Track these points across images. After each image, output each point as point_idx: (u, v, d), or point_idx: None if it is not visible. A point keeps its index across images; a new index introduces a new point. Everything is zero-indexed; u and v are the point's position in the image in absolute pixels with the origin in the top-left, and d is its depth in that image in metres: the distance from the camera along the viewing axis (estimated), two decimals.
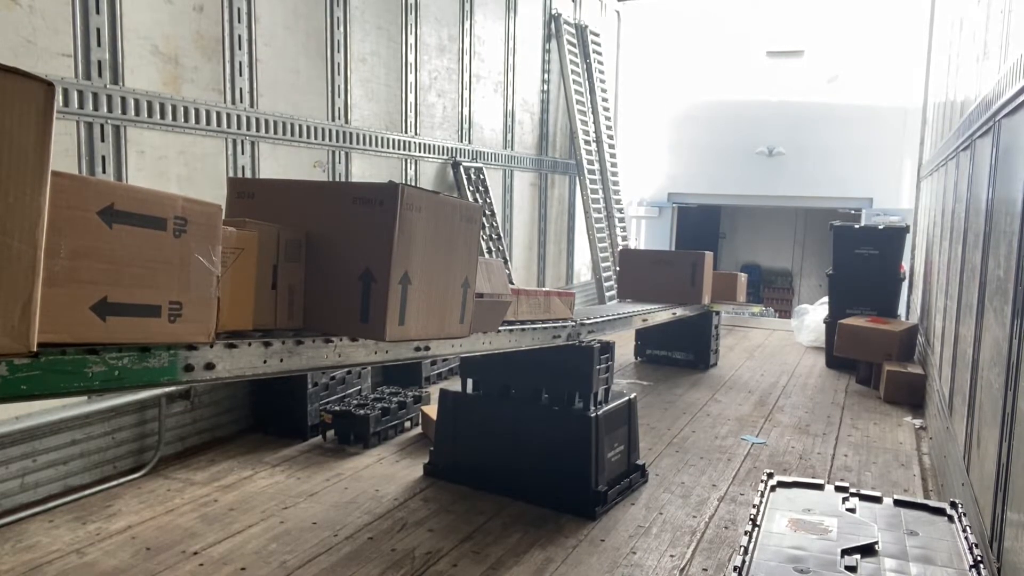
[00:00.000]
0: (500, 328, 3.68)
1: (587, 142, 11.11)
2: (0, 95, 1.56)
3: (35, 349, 1.68)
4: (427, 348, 3.16)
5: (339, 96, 6.57)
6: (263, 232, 2.50)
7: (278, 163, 5.93)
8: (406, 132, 7.52)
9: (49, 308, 1.76)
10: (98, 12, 4.50)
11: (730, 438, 6.09)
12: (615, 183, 11.89)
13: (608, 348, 4.79)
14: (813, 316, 10.19)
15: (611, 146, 11.95)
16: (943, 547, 2.60)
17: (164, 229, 2.05)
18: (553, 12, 10.59)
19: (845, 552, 2.51)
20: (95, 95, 4.49)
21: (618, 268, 8.95)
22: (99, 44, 4.52)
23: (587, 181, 10.85)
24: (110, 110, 4.59)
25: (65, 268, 1.84)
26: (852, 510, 2.90)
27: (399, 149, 7.40)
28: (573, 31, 11.01)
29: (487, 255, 8.18)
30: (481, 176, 8.69)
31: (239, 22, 5.49)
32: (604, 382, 4.74)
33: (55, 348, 1.86)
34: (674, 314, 7.38)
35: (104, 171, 4.56)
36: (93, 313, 1.91)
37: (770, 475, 3.22)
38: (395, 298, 2.63)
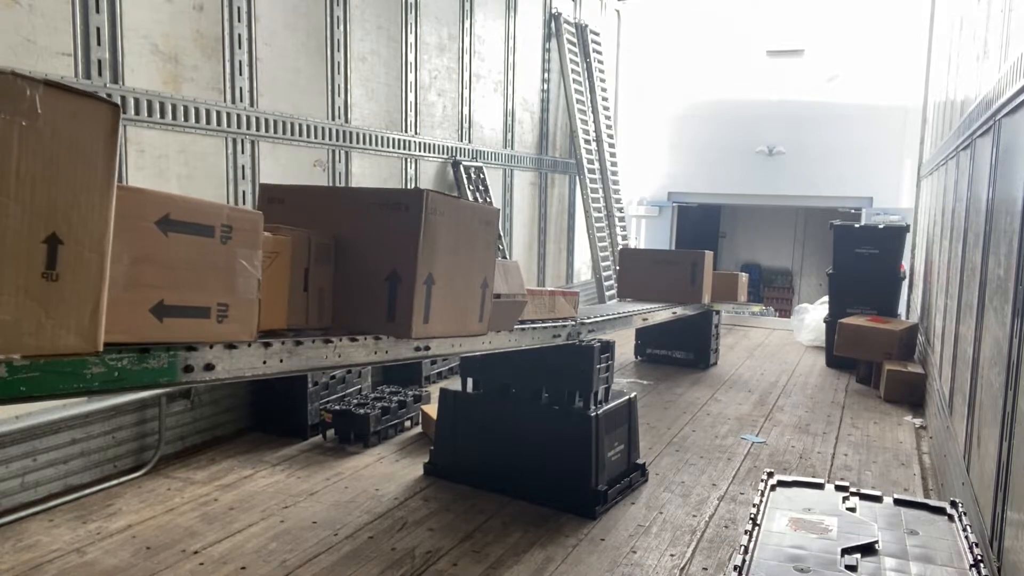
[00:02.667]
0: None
1: (587, 141, 11.10)
2: (74, 116, 1.71)
3: (101, 349, 1.83)
4: (427, 348, 3.16)
5: (339, 95, 6.56)
6: (296, 237, 2.64)
7: (278, 162, 5.93)
8: (406, 131, 7.52)
9: (113, 310, 1.87)
10: (98, 11, 4.50)
11: (730, 437, 6.09)
12: (615, 182, 11.89)
13: (608, 347, 4.79)
14: (813, 315, 10.19)
15: (611, 145, 11.94)
16: (943, 546, 2.61)
17: (212, 236, 2.19)
18: (553, 11, 10.59)
19: (845, 551, 2.51)
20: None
21: (618, 267, 8.95)
22: (99, 43, 4.52)
23: (587, 180, 10.85)
24: None
25: (127, 274, 1.98)
26: (852, 509, 2.90)
27: (399, 148, 7.40)
28: (573, 30, 11.00)
29: None
30: (481, 175, 8.69)
31: (239, 21, 5.49)
32: (604, 381, 4.74)
33: (115, 347, 1.98)
34: (674, 313, 7.38)
35: None
36: (151, 315, 2.07)
37: (770, 474, 3.22)
38: (420, 298, 2.78)
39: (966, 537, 2.64)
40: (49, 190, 1.68)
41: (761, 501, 2.94)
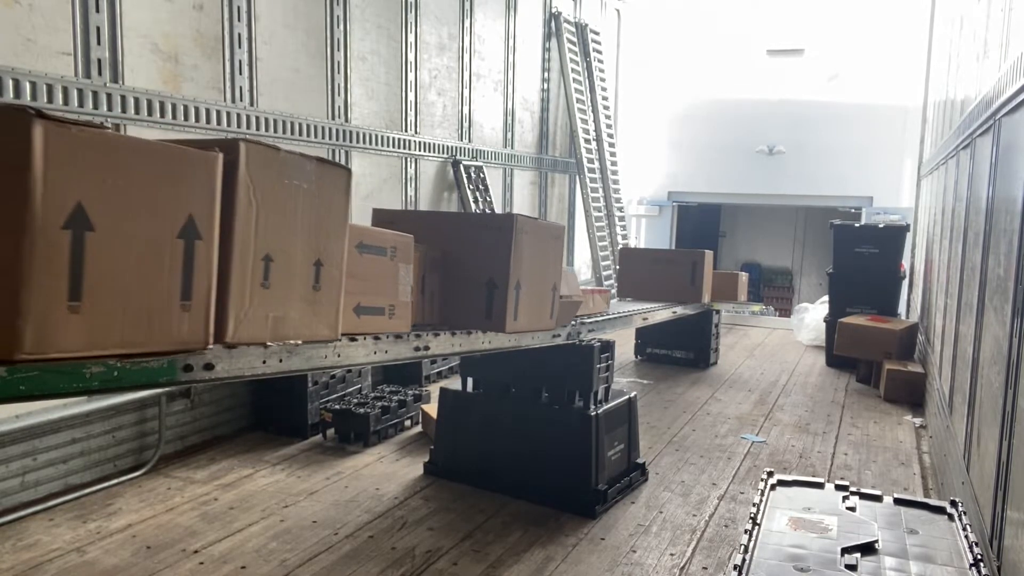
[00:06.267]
0: None
1: (587, 141, 11.09)
2: (329, 180, 2.53)
3: (340, 337, 2.64)
4: (427, 348, 3.22)
5: (339, 95, 6.56)
6: (418, 252, 3.26)
7: None
8: (406, 131, 7.51)
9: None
10: (98, 10, 4.49)
11: (730, 437, 6.09)
12: (615, 182, 11.88)
13: (608, 347, 4.79)
14: (813, 315, 10.19)
15: (611, 144, 11.94)
16: (943, 545, 2.61)
17: (385, 255, 2.95)
18: (553, 10, 10.58)
19: (845, 551, 2.51)
20: (95, 93, 4.49)
21: (618, 267, 8.95)
22: (99, 42, 4.51)
23: (587, 180, 10.84)
24: (110, 108, 4.59)
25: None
26: (852, 509, 2.90)
27: (399, 148, 7.40)
28: (573, 29, 11.00)
29: None
30: (481, 175, 8.69)
31: (239, 20, 5.49)
32: (604, 381, 4.74)
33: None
34: (674, 313, 7.38)
35: None
36: (354, 313, 2.78)
37: (770, 474, 3.22)
38: (511, 300, 3.49)
39: (966, 536, 2.64)
40: (317, 230, 2.47)
41: (761, 500, 2.94)
